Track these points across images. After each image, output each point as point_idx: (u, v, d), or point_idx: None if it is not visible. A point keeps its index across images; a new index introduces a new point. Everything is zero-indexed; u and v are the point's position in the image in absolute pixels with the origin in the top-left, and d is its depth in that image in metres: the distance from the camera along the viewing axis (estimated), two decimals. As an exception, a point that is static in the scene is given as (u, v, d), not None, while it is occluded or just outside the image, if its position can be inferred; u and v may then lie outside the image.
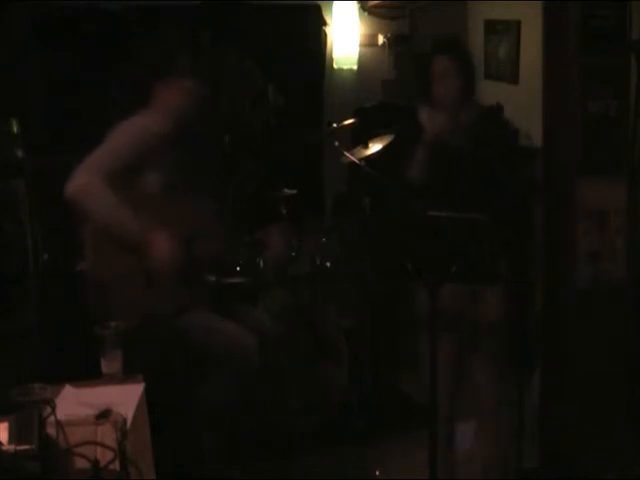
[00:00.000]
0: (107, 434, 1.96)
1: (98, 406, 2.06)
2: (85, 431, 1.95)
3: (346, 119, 4.31)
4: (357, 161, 4.10)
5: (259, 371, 3.08)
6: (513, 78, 3.87)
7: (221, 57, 4.52)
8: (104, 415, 2.01)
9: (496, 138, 3.05)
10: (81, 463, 1.86)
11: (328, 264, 4.09)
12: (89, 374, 2.43)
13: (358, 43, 5.09)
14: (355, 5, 5.04)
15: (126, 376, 2.42)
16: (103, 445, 1.91)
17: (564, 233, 3.40)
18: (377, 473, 3.40)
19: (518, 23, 3.81)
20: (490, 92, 3.84)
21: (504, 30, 3.95)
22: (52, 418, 1.88)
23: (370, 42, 5.16)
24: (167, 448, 2.62)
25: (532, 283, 3.53)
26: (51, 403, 1.92)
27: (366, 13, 5.13)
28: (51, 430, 1.87)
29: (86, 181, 2.74)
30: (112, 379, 2.39)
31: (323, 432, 3.89)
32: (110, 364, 2.42)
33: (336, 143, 4.23)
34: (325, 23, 5.04)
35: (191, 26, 4.40)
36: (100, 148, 2.82)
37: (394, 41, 5.16)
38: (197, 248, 2.98)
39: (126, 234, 2.80)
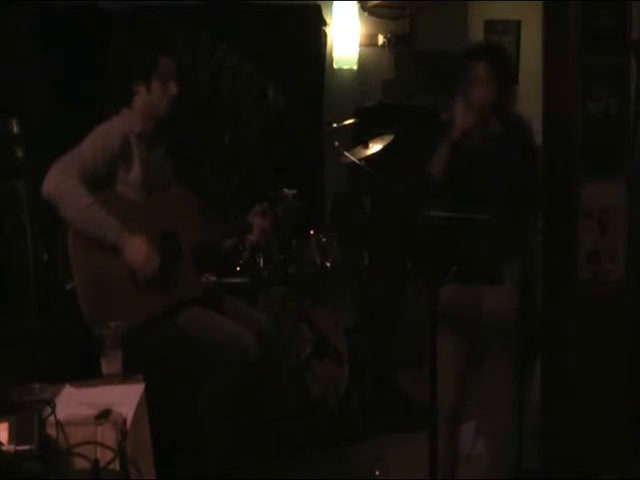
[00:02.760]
0: (107, 434, 1.96)
1: (98, 406, 2.06)
2: (85, 431, 1.95)
3: (346, 119, 4.31)
4: (357, 161, 4.11)
5: (259, 371, 3.08)
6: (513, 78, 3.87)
7: (221, 58, 4.53)
8: (104, 415, 2.01)
9: (522, 144, 3.03)
10: (81, 463, 1.86)
11: (328, 264, 4.09)
12: (89, 374, 2.43)
13: (358, 43, 5.09)
14: (355, 5, 5.04)
15: (126, 376, 2.42)
16: (103, 445, 1.91)
17: (564, 233, 3.40)
18: (377, 473, 3.39)
19: (518, 23, 3.81)
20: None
21: (504, 30, 3.95)
22: (52, 418, 1.88)
23: (370, 42, 5.16)
24: (167, 448, 2.62)
25: (532, 283, 3.53)
26: (51, 403, 1.92)
27: (366, 13, 5.14)
28: (51, 430, 1.87)
29: (60, 180, 2.75)
30: (112, 379, 2.39)
31: (323, 432, 3.89)
32: (110, 364, 2.42)
33: (336, 143, 4.23)
34: (325, 23, 5.04)
35: (191, 26, 4.40)
36: (78, 148, 2.83)
37: (394, 41, 5.17)
38: (183, 244, 2.98)
39: (102, 236, 2.79)
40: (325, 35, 5.06)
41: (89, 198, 2.76)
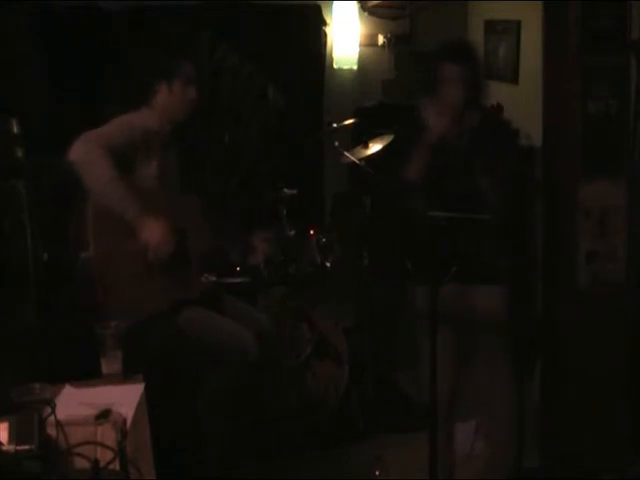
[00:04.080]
0: (107, 434, 1.96)
1: (98, 406, 2.06)
2: (85, 431, 1.96)
3: (346, 119, 4.31)
4: (357, 161, 4.11)
5: (259, 371, 3.08)
6: (513, 78, 3.87)
7: (221, 58, 4.53)
8: (104, 415, 2.01)
9: (496, 138, 3.04)
10: (81, 463, 1.86)
11: (328, 264, 4.09)
12: (89, 374, 2.43)
13: (358, 43, 5.09)
14: (355, 5, 5.04)
15: (126, 376, 2.42)
16: (103, 445, 1.91)
17: (564, 233, 3.40)
18: (377, 473, 3.40)
19: (518, 23, 3.81)
20: (490, 92, 3.84)
21: (504, 30, 3.95)
22: (52, 418, 1.89)
23: (370, 42, 5.16)
24: (167, 448, 2.62)
25: (532, 283, 3.53)
26: (51, 403, 1.92)
27: (366, 13, 5.13)
28: (51, 430, 1.87)
29: (87, 148, 2.77)
30: (112, 379, 2.39)
31: (323, 432, 3.89)
32: (110, 364, 2.42)
33: (336, 143, 4.23)
34: (325, 23, 5.04)
35: (191, 26, 4.41)
36: (104, 126, 2.87)
37: (394, 41, 5.17)
38: (189, 245, 2.99)
39: (122, 209, 2.81)
40: (325, 35, 5.06)
41: (114, 171, 2.78)
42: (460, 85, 2.91)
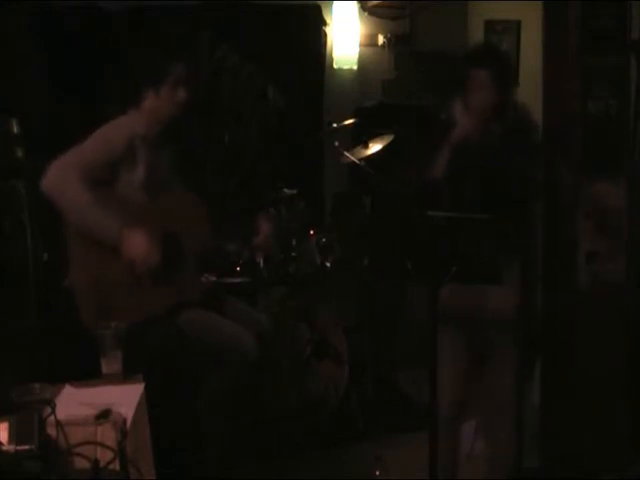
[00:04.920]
0: (107, 434, 1.96)
1: (98, 406, 2.06)
2: (85, 431, 1.95)
3: (346, 119, 4.31)
4: (357, 161, 4.11)
5: (259, 371, 3.08)
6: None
7: (221, 58, 4.53)
8: (104, 415, 2.01)
9: (523, 146, 3.04)
10: (81, 463, 1.86)
11: (328, 264, 4.09)
12: (89, 374, 2.43)
13: (358, 43, 5.09)
14: (355, 5, 5.04)
15: (126, 376, 2.42)
16: (103, 445, 1.91)
17: (564, 233, 3.40)
18: (377, 473, 3.40)
19: (518, 23, 3.81)
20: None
21: (504, 30, 3.95)
22: (52, 418, 1.89)
23: (370, 42, 5.17)
24: (167, 448, 2.62)
25: (533, 283, 3.53)
26: (51, 403, 1.92)
27: (366, 13, 5.14)
28: (51, 430, 1.87)
29: (60, 176, 2.73)
30: (112, 379, 2.39)
31: (323, 432, 3.89)
32: (110, 364, 2.42)
33: (336, 143, 4.23)
34: (325, 23, 5.05)
35: (191, 26, 4.41)
36: (81, 145, 2.81)
37: (394, 41, 5.17)
38: (186, 246, 2.97)
39: (102, 234, 2.77)
40: (325, 35, 5.07)
41: (89, 196, 2.74)
42: (488, 89, 2.92)
